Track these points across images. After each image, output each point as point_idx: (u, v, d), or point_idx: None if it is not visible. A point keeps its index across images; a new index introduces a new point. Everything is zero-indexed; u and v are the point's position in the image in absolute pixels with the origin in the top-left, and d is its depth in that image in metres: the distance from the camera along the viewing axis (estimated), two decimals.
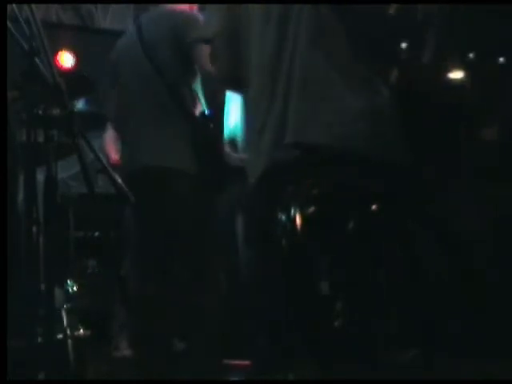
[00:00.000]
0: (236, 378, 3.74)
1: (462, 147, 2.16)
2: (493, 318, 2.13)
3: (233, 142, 3.76)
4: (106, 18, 7.06)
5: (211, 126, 3.58)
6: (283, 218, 2.12)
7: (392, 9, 2.04)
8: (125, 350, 4.55)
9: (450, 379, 2.00)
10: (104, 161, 3.35)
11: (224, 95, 3.71)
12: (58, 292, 3.28)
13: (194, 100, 3.65)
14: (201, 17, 3.62)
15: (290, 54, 2.16)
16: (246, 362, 3.75)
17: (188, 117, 3.59)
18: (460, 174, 2.18)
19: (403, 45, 2.11)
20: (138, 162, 3.65)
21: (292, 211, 2.09)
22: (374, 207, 2.06)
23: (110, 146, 4.46)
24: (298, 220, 2.08)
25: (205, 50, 3.49)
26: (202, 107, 3.65)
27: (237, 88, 2.55)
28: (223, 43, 2.47)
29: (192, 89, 3.65)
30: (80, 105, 4.23)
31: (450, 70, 2.13)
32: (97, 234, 5.13)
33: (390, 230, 2.06)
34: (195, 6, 3.82)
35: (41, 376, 2.53)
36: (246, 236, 2.71)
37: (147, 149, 3.62)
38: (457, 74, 2.15)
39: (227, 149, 3.74)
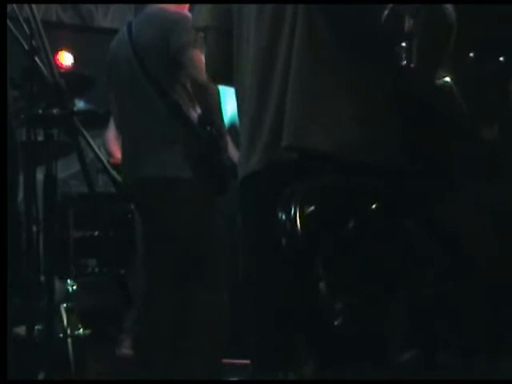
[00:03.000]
0: (236, 378, 3.74)
1: (457, 148, 2.16)
2: (493, 318, 2.13)
3: (233, 131, 3.65)
4: (106, 18, 7.06)
5: (208, 128, 3.50)
6: (281, 216, 2.12)
7: (383, 13, 2.03)
8: (125, 350, 4.55)
9: (450, 379, 2.00)
10: (104, 160, 3.35)
11: (218, 96, 3.56)
12: (58, 291, 3.28)
13: (189, 103, 3.54)
14: (189, 17, 3.47)
15: (285, 55, 2.14)
16: (246, 362, 3.75)
17: (184, 121, 3.50)
18: (456, 174, 2.18)
19: (395, 49, 2.09)
20: (135, 171, 3.57)
21: (290, 210, 2.08)
22: (372, 206, 2.06)
23: (113, 144, 4.44)
24: (297, 219, 2.07)
25: (194, 55, 3.44)
26: (198, 110, 3.55)
27: (227, 83, 2.47)
28: (213, 35, 2.42)
29: (187, 92, 3.55)
30: (80, 104, 4.22)
31: (439, 73, 2.11)
32: (97, 233, 5.13)
33: (390, 230, 2.05)
34: (186, 6, 3.68)
35: (41, 376, 2.53)
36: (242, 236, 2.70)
37: (143, 158, 3.53)
38: (446, 77, 2.13)
39: (231, 146, 3.64)
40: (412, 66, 2.02)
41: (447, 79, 2.09)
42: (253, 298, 2.28)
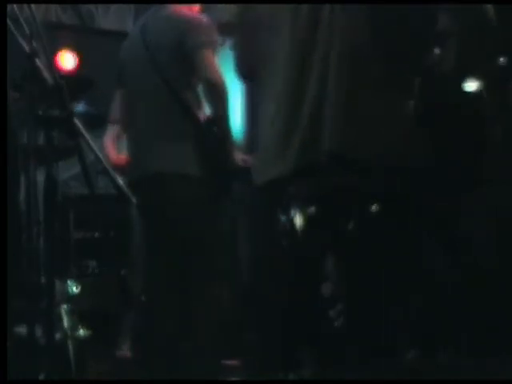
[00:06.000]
0: (235, 378, 3.74)
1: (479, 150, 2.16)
2: (493, 318, 2.13)
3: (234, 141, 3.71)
4: (106, 18, 7.06)
5: (215, 129, 3.53)
6: (287, 218, 2.12)
7: (418, 20, 2.02)
8: (125, 350, 4.55)
9: (450, 379, 2.00)
10: (104, 162, 3.36)
11: (227, 98, 3.61)
12: (58, 292, 3.28)
13: (198, 103, 3.60)
14: (205, 19, 3.57)
15: (322, 62, 2.12)
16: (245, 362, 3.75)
17: (192, 121, 3.54)
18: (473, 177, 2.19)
19: (427, 55, 2.09)
20: (142, 168, 3.61)
21: (294, 212, 2.09)
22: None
23: (110, 147, 4.45)
24: (301, 221, 2.08)
25: (207, 56, 3.49)
26: (206, 110, 3.60)
27: (252, 76, 2.45)
28: (241, 27, 2.42)
29: (196, 92, 3.60)
30: (80, 105, 4.22)
31: (469, 79, 2.11)
32: (97, 234, 5.13)
33: (392, 231, 2.06)
34: (197, 7, 3.77)
35: (41, 376, 2.53)
36: (248, 237, 2.70)
37: (151, 154, 3.58)
38: (475, 83, 2.13)
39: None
40: (447, 69, 2.02)
41: (480, 85, 2.09)
42: (254, 297, 2.28)
